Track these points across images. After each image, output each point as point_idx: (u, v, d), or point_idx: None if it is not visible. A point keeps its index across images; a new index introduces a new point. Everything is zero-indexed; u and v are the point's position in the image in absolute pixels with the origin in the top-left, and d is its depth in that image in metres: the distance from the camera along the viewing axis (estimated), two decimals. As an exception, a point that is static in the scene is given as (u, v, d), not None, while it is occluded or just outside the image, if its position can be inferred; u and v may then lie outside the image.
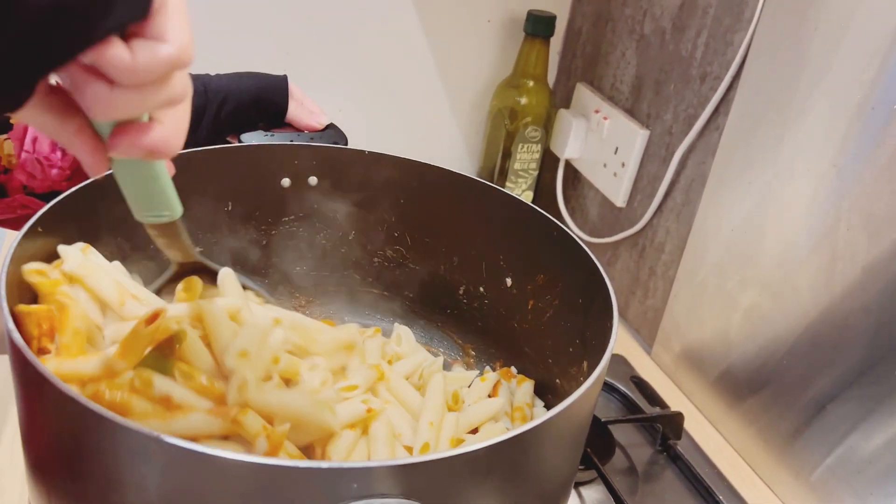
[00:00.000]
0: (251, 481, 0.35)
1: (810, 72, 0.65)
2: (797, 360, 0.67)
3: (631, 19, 0.91)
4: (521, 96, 0.98)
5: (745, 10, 0.74)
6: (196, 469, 0.36)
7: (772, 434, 0.70)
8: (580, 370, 0.60)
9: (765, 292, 0.70)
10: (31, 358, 0.38)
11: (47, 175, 0.66)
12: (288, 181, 0.70)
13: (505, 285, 0.69)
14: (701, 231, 0.79)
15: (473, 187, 0.68)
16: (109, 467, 0.38)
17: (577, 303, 0.60)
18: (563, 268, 0.62)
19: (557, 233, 0.61)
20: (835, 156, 0.62)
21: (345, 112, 1.00)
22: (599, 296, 0.54)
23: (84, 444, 0.38)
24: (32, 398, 0.41)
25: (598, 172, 0.96)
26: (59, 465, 0.41)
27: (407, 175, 0.70)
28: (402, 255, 0.74)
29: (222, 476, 0.35)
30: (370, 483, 0.36)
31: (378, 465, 0.36)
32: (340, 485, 0.35)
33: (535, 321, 0.67)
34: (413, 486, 0.37)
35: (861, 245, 0.61)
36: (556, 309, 0.64)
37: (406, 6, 0.98)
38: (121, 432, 0.35)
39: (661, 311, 0.86)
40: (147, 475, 0.37)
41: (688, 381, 0.82)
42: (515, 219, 0.66)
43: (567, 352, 0.62)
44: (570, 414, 0.43)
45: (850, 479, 0.63)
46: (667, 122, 0.85)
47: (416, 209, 0.72)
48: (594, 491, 0.66)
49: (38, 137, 0.65)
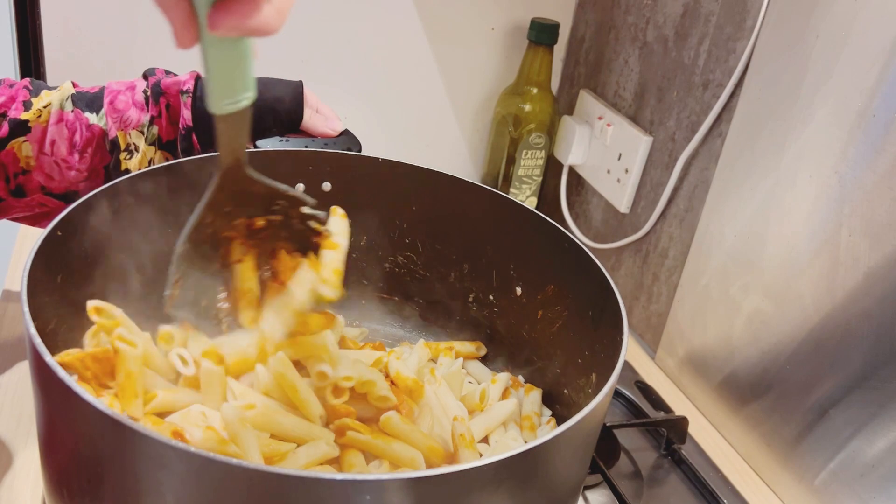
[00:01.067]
0: (267, 491, 0.36)
1: (812, 79, 0.65)
2: (800, 364, 0.68)
3: (634, 27, 0.92)
4: (524, 103, 0.98)
5: (747, 18, 0.75)
6: (213, 478, 0.36)
7: (775, 438, 0.71)
8: (588, 381, 0.60)
9: (767, 298, 0.71)
10: (50, 363, 0.38)
11: (65, 177, 0.67)
12: (302, 186, 0.70)
13: (515, 294, 0.70)
14: (704, 237, 0.79)
15: (484, 196, 0.68)
16: (128, 475, 0.38)
17: (586, 315, 0.60)
18: (574, 279, 0.62)
19: (569, 244, 0.62)
20: (836, 162, 0.63)
21: (350, 119, 1.01)
22: (609, 308, 0.54)
23: (102, 451, 0.38)
24: (52, 404, 0.42)
25: (601, 179, 0.97)
26: (78, 473, 0.42)
27: (419, 183, 0.70)
28: (413, 261, 0.75)
29: (239, 485, 0.36)
30: (383, 495, 0.36)
31: (391, 477, 0.36)
32: (354, 497, 0.36)
33: (544, 331, 0.67)
34: (426, 499, 0.37)
35: (863, 251, 0.61)
36: (565, 320, 0.65)
37: (411, 15, 0.99)
38: (139, 440, 0.36)
39: (664, 316, 0.87)
40: (164, 483, 0.37)
41: (692, 385, 0.82)
42: (526, 228, 0.66)
43: (575, 363, 0.63)
44: (582, 426, 0.43)
45: (854, 484, 0.63)
46: (670, 128, 0.86)
47: (428, 217, 0.72)
48: (599, 495, 0.66)
49: (56, 140, 0.66)
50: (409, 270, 0.75)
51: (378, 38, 0.99)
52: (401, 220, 0.73)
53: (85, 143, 0.66)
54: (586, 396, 0.60)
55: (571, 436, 0.43)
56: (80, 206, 0.52)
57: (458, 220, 0.71)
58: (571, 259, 0.61)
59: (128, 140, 0.67)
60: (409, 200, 0.71)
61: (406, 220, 0.73)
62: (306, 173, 0.70)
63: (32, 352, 0.40)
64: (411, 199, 0.71)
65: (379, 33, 0.99)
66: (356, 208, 0.71)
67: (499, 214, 0.68)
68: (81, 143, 0.66)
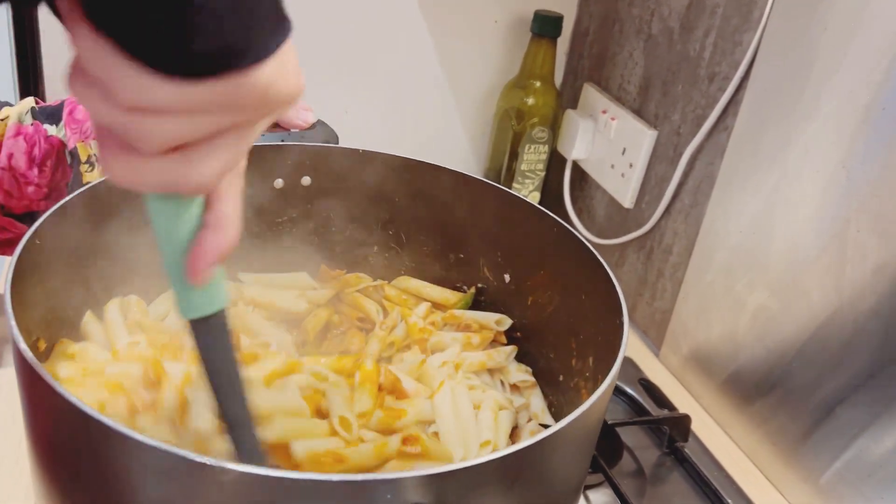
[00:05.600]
0: (284, 495, 0.36)
1: (819, 72, 0.64)
2: (806, 362, 0.67)
3: (638, 19, 0.91)
4: (527, 97, 0.97)
5: (753, 9, 0.74)
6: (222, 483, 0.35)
7: (780, 437, 0.70)
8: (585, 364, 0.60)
9: (773, 294, 0.70)
10: (35, 365, 0.38)
11: (24, 193, 0.65)
12: (281, 182, 0.69)
13: (503, 282, 0.69)
14: (709, 233, 0.78)
15: (470, 184, 0.67)
16: (121, 479, 0.38)
17: (580, 300, 0.60)
18: (566, 265, 0.61)
19: (557, 229, 0.61)
20: (844, 157, 0.62)
21: (351, 113, 1.00)
22: (607, 295, 0.54)
23: (87, 453, 0.38)
24: (38, 409, 0.42)
25: (605, 173, 0.96)
26: (64, 474, 0.41)
27: (401, 173, 0.69)
28: (396, 252, 0.74)
29: (254, 491, 0.35)
30: (403, 493, 0.36)
31: (410, 475, 0.36)
32: (375, 496, 0.36)
33: (535, 317, 0.67)
34: (445, 494, 0.37)
35: (871, 247, 0.60)
36: (556, 305, 0.64)
37: (412, 7, 0.98)
38: (129, 444, 0.35)
39: (668, 313, 0.86)
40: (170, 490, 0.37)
41: (696, 383, 0.81)
42: (513, 216, 0.65)
43: (569, 348, 0.62)
44: (582, 421, 0.43)
45: (860, 483, 0.62)
46: (675, 122, 0.85)
47: (410, 207, 0.71)
48: (601, 494, 0.65)
49: (14, 153, 0.64)
50: (393, 261, 0.74)
51: (379, 31, 0.99)
52: (384, 211, 0.72)
53: (44, 156, 0.65)
54: (582, 383, 0.59)
55: (571, 431, 0.43)
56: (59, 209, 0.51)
57: (441, 209, 0.70)
58: (562, 245, 0.61)
59: (89, 151, 0.66)
60: (391, 191, 0.70)
61: (389, 212, 0.72)
62: (284, 168, 0.68)
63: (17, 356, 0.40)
64: (393, 190, 0.70)
65: (380, 26, 0.98)
66: (337, 201, 0.71)
67: (481, 201, 0.67)
68: (40, 157, 0.65)
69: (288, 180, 0.69)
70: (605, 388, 0.44)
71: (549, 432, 0.40)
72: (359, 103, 1.01)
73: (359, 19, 0.97)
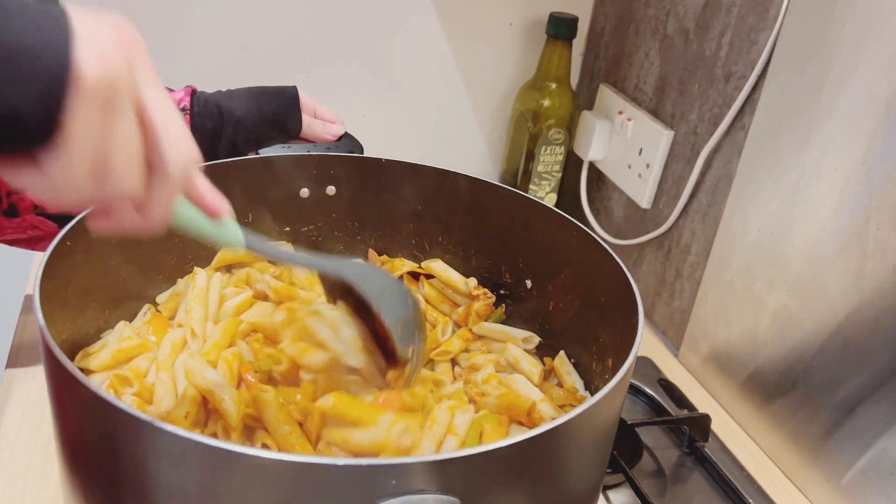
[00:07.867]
0: (290, 480, 0.36)
1: (837, 69, 0.64)
2: (826, 361, 0.67)
3: (654, 19, 0.91)
4: (543, 98, 0.98)
5: (770, 7, 0.73)
6: (234, 468, 0.36)
7: (801, 436, 0.70)
8: (605, 367, 0.60)
9: (793, 293, 0.70)
10: (64, 361, 0.39)
11: None
12: (307, 191, 0.71)
13: (525, 287, 0.70)
14: (727, 232, 0.78)
15: (490, 190, 0.68)
16: (146, 469, 0.38)
17: (600, 302, 0.60)
18: (586, 268, 0.62)
19: (577, 232, 0.62)
20: (863, 154, 0.62)
21: (368, 118, 1.01)
22: (625, 297, 0.54)
23: (118, 446, 0.39)
24: (65, 403, 0.42)
25: (622, 174, 0.95)
26: (95, 469, 0.42)
27: (424, 181, 0.70)
28: (420, 260, 0.75)
29: (261, 475, 0.36)
30: (408, 479, 0.36)
31: (415, 461, 0.37)
32: (379, 481, 0.36)
33: (557, 322, 0.67)
34: (449, 482, 0.37)
35: (891, 244, 0.60)
36: (577, 309, 0.64)
37: (428, 11, 0.99)
38: (156, 434, 0.36)
39: (687, 312, 0.86)
40: (185, 476, 0.37)
41: (716, 383, 0.81)
42: (535, 221, 0.66)
43: (589, 351, 0.62)
44: (598, 410, 0.43)
45: (882, 483, 0.62)
46: (691, 122, 0.85)
47: (434, 215, 0.72)
48: (622, 494, 0.65)
49: None
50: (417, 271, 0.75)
51: (395, 35, 0.99)
52: (407, 220, 0.73)
53: None
54: (604, 384, 0.60)
55: (580, 424, 0.43)
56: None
57: (465, 216, 0.71)
58: (582, 247, 0.61)
59: None
60: (414, 200, 0.72)
61: (412, 220, 0.73)
62: (310, 177, 0.70)
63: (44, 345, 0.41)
64: (416, 199, 0.72)
65: (396, 30, 0.99)
66: (361, 210, 0.73)
67: (506, 208, 0.68)
68: None
69: (313, 190, 0.71)
70: (616, 381, 0.44)
71: (556, 423, 0.40)
72: (376, 108, 1.02)
73: (374, 24, 0.98)
